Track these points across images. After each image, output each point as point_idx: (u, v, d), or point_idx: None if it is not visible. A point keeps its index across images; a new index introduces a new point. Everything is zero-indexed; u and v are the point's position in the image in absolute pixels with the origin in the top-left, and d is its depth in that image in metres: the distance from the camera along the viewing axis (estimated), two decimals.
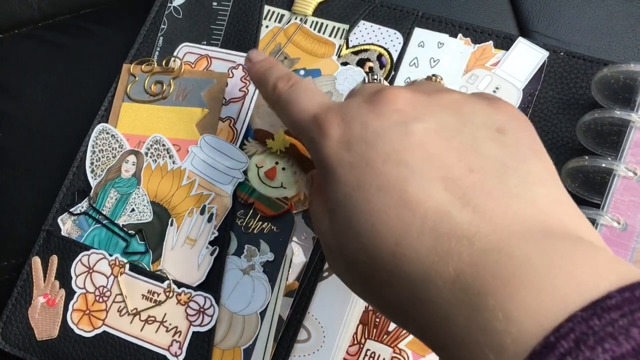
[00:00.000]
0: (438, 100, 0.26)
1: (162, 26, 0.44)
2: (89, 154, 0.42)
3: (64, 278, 0.39)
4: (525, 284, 0.18)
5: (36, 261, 0.40)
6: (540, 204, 0.22)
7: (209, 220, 0.39)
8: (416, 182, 0.23)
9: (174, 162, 0.40)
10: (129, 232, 0.40)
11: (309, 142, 0.28)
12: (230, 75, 0.42)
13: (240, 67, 0.42)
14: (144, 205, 0.40)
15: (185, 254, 0.38)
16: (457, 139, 0.24)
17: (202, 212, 0.39)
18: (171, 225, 0.39)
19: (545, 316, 0.17)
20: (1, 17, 0.49)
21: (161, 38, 0.44)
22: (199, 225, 0.39)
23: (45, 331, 0.39)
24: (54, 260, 0.40)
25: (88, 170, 0.41)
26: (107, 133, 0.42)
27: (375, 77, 0.40)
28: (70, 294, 0.39)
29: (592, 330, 0.16)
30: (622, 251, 0.32)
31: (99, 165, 0.41)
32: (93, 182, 0.41)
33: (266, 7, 0.44)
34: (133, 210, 0.40)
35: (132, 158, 0.41)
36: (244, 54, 0.42)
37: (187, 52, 0.43)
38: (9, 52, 0.48)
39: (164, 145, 0.41)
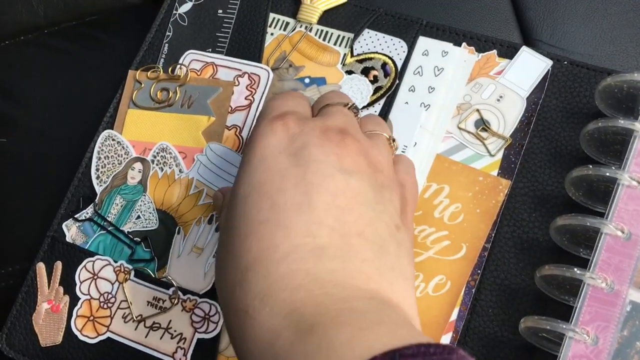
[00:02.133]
0: (379, 174, 0.28)
1: (168, 33, 0.44)
2: (94, 160, 0.42)
3: (68, 284, 0.39)
4: (348, 328, 0.21)
5: (40, 267, 0.40)
6: (394, 288, 0.25)
7: (217, 229, 0.39)
8: (309, 216, 0.25)
9: (180, 171, 0.40)
10: (135, 239, 0.40)
11: (258, 121, 0.29)
12: (236, 83, 0.42)
13: (246, 75, 0.42)
14: (150, 213, 0.40)
15: (191, 263, 0.39)
16: (366, 207, 0.26)
17: (209, 222, 0.39)
18: (178, 233, 0.39)
19: (358, 354, 0.20)
20: (7, 23, 0.49)
21: (166, 45, 0.44)
22: (206, 235, 0.39)
23: (50, 337, 0.39)
24: (59, 266, 0.40)
25: (93, 176, 0.41)
26: (113, 139, 0.42)
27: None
28: (74, 300, 0.39)
29: None
30: (626, 260, 0.32)
31: (105, 171, 0.41)
32: (98, 189, 0.41)
33: (271, 15, 0.44)
34: (139, 217, 0.40)
35: (138, 165, 0.41)
36: (251, 62, 0.42)
37: (192, 60, 0.43)
38: (14, 58, 0.48)
39: (170, 153, 0.41)
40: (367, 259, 0.25)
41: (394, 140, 0.32)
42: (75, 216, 0.41)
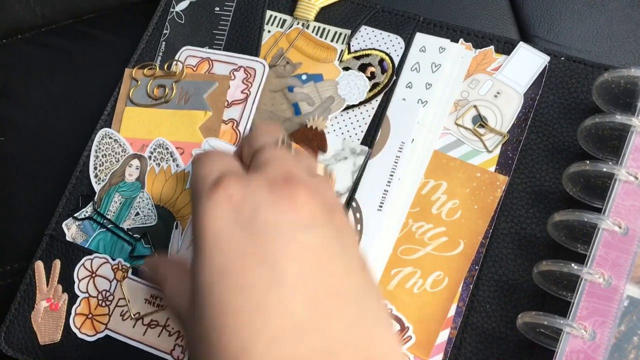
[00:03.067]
0: (335, 215, 0.26)
1: (165, 31, 0.44)
2: (92, 159, 0.42)
3: (66, 282, 0.39)
4: None
5: (39, 265, 0.40)
6: (382, 342, 0.24)
7: None
8: (282, 293, 0.23)
9: (177, 165, 0.41)
10: (135, 235, 0.40)
11: (197, 197, 0.27)
12: (232, 77, 0.42)
13: (242, 69, 0.42)
14: (149, 209, 0.40)
15: (190, 258, 0.38)
16: (335, 263, 0.25)
17: None
18: (176, 228, 0.39)
19: None
20: (4, 22, 0.49)
21: (163, 43, 0.44)
22: None
23: (48, 335, 0.39)
24: (57, 264, 0.40)
25: (92, 175, 0.41)
26: (110, 138, 0.42)
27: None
28: (73, 298, 0.39)
29: None
30: (623, 256, 0.32)
31: (103, 170, 0.41)
32: (97, 187, 0.41)
33: (268, 12, 0.44)
34: (137, 214, 0.40)
35: (135, 162, 0.41)
36: (246, 56, 0.42)
37: (188, 56, 0.43)
38: (11, 57, 0.48)
39: (167, 148, 0.41)
40: (349, 322, 0.24)
41: (326, 166, 0.31)
42: (75, 215, 0.41)
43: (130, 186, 0.41)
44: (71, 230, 0.40)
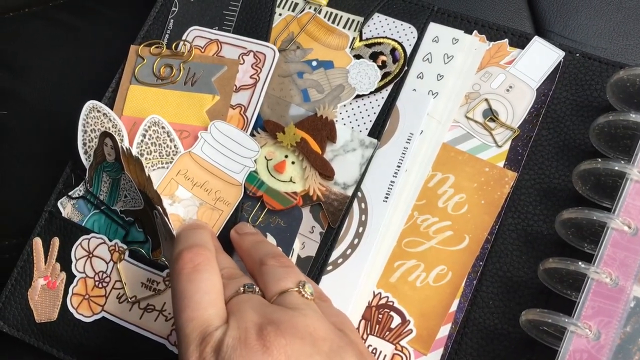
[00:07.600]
0: (320, 340, 0.27)
1: (174, 9, 0.43)
2: (80, 134, 0.40)
3: (64, 261, 0.39)
4: None
5: (37, 242, 0.39)
6: None
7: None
8: None
9: (175, 146, 0.39)
10: (127, 219, 0.39)
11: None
12: (241, 62, 0.41)
13: (252, 53, 0.41)
14: (134, 192, 0.38)
15: None
16: None
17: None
18: (156, 218, 0.36)
19: None
20: None
21: (172, 21, 0.43)
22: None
23: (45, 314, 0.38)
24: (56, 242, 0.39)
25: (81, 151, 0.40)
26: (98, 111, 0.40)
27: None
28: (70, 277, 0.38)
29: None
30: (631, 256, 0.32)
31: (92, 146, 0.40)
32: (87, 165, 0.40)
33: None
34: (126, 196, 0.39)
35: (108, 141, 0.39)
36: (256, 41, 0.41)
37: (196, 36, 0.42)
38: (18, 30, 0.48)
39: (163, 127, 0.39)
40: None
41: (303, 285, 0.30)
42: (69, 194, 0.40)
43: (112, 166, 0.39)
44: (67, 209, 0.39)
